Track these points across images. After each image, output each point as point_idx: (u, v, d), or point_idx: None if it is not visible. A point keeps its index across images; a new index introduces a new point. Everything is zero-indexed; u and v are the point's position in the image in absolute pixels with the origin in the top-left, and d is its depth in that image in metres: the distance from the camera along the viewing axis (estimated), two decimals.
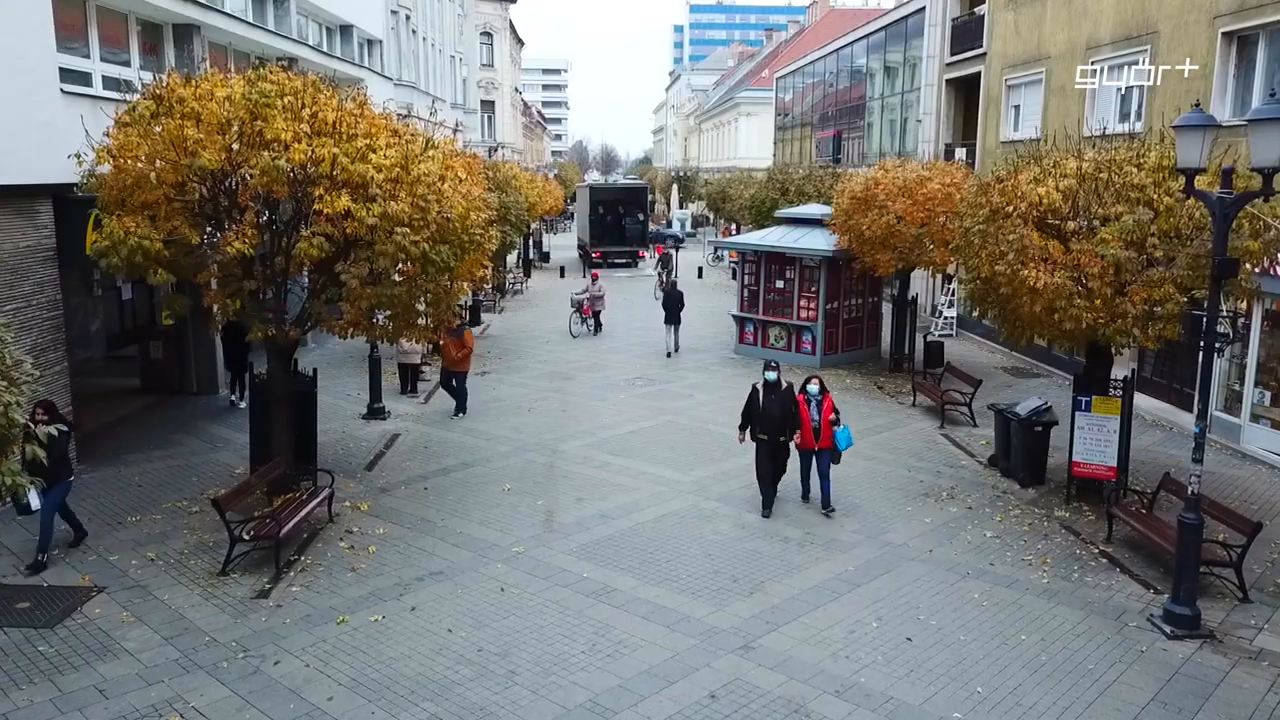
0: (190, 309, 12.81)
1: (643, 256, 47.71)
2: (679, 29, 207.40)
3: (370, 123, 11.66)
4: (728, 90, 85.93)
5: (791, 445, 12.74)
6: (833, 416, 12.54)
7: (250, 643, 9.03)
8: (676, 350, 24.41)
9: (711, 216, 67.07)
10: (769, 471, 12.58)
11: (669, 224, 73.38)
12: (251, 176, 10.82)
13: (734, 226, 52.84)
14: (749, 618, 9.61)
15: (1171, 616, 9.44)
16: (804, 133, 49.20)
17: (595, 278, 28.11)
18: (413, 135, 12.16)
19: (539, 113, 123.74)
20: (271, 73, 11.55)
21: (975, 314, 13.96)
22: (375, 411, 17.57)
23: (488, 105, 61.83)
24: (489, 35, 63.01)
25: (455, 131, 14.17)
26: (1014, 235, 11.59)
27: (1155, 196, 11.25)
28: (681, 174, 78.44)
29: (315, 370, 13.56)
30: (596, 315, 27.55)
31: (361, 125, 11.49)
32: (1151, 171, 11.46)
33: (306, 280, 12.83)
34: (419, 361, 19.56)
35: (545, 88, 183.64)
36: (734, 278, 43.45)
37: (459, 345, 17.62)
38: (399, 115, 12.56)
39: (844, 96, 41.54)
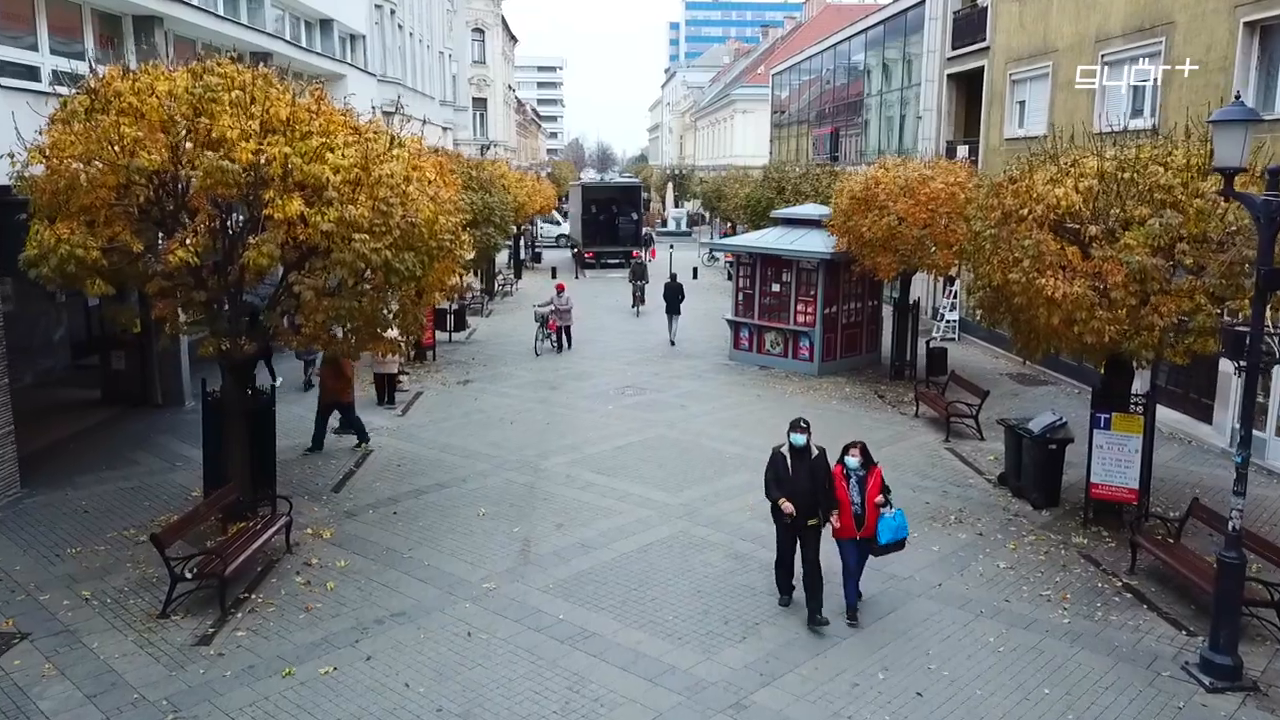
0: (139, 321, 11.89)
1: (636, 256, 46.70)
2: (675, 26, 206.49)
3: (328, 119, 10.70)
4: (723, 87, 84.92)
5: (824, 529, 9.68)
6: (880, 498, 9.53)
7: (183, 701, 8.07)
8: (676, 343, 25.50)
9: (707, 215, 66.12)
10: (789, 553, 9.81)
11: (664, 223, 72.46)
12: (195, 179, 9.85)
13: (730, 226, 51.92)
14: (741, 668, 8.66)
15: (1210, 666, 8.51)
16: (800, 130, 48.25)
17: (561, 289, 25.12)
18: (375, 133, 11.19)
19: (534, 111, 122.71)
20: (220, 65, 10.58)
21: (983, 322, 12.94)
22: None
23: (479, 103, 60.78)
24: (480, 31, 61.91)
25: (424, 125, 12.89)
26: (1029, 241, 10.65)
27: (1183, 198, 10.31)
28: (677, 172, 77.46)
29: (274, 386, 12.55)
30: (563, 330, 24.66)
31: (317, 122, 10.53)
32: (1178, 171, 10.52)
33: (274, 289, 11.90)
34: (396, 371, 18.57)
35: (541, 85, 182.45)
36: (729, 278, 42.74)
37: (334, 374, 15.18)
38: (385, 112, 11.61)
39: (841, 93, 40.58)
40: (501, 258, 39.30)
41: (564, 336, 24.71)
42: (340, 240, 10.07)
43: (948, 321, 26.28)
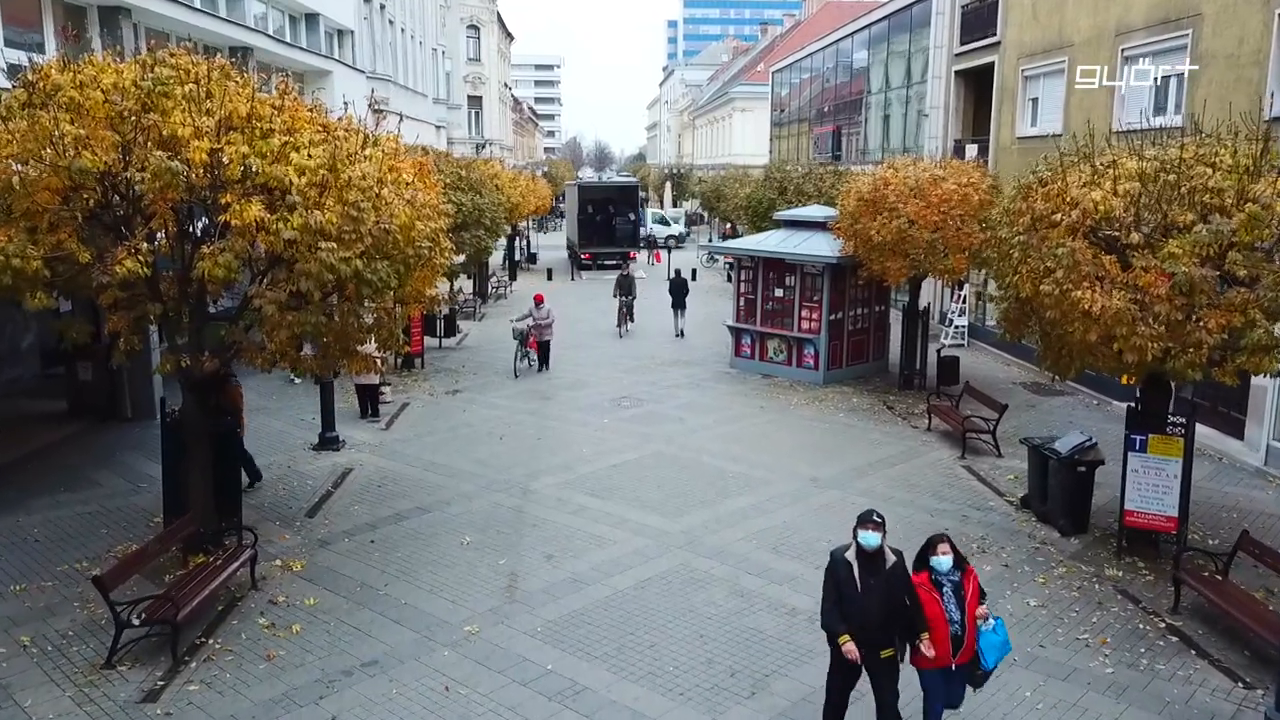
0: (91, 335, 10.96)
1: (633, 258, 45.74)
2: (673, 24, 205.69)
3: (292, 115, 9.73)
4: (722, 86, 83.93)
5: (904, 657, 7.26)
6: (981, 609, 7.12)
7: None
8: (682, 334, 26.58)
9: (705, 215, 65.15)
10: (841, 687, 7.29)
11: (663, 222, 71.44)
12: (142, 181, 8.88)
13: (730, 227, 50.98)
14: None
15: None
16: (801, 129, 47.30)
17: (540, 300, 22.25)
18: (347, 131, 10.22)
19: (531, 109, 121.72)
20: (174, 56, 9.62)
21: (1006, 335, 11.99)
22: (327, 442, 15.61)
23: (475, 101, 59.85)
24: (475, 28, 60.90)
25: (402, 121, 11.88)
26: (1063, 249, 9.70)
27: (1232, 202, 9.38)
28: (675, 171, 76.50)
29: (239, 405, 11.58)
30: (544, 348, 22.01)
31: (281, 119, 9.57)
32: (1228, 173, 9.57)
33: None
34: (378, 382, 17.59)
35: (538, 84, 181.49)
36: (729, 280, 41.77)
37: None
38: (375, 110, 10.65)
39: (843, 91, 39.62)
40: (496, 258, 38.29)
41: (543, 354, 22.05)
42: (305, 249, 9.12)
43: (956, 328, 25.35)
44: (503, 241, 36.46)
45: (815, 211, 22.20)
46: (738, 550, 11.43)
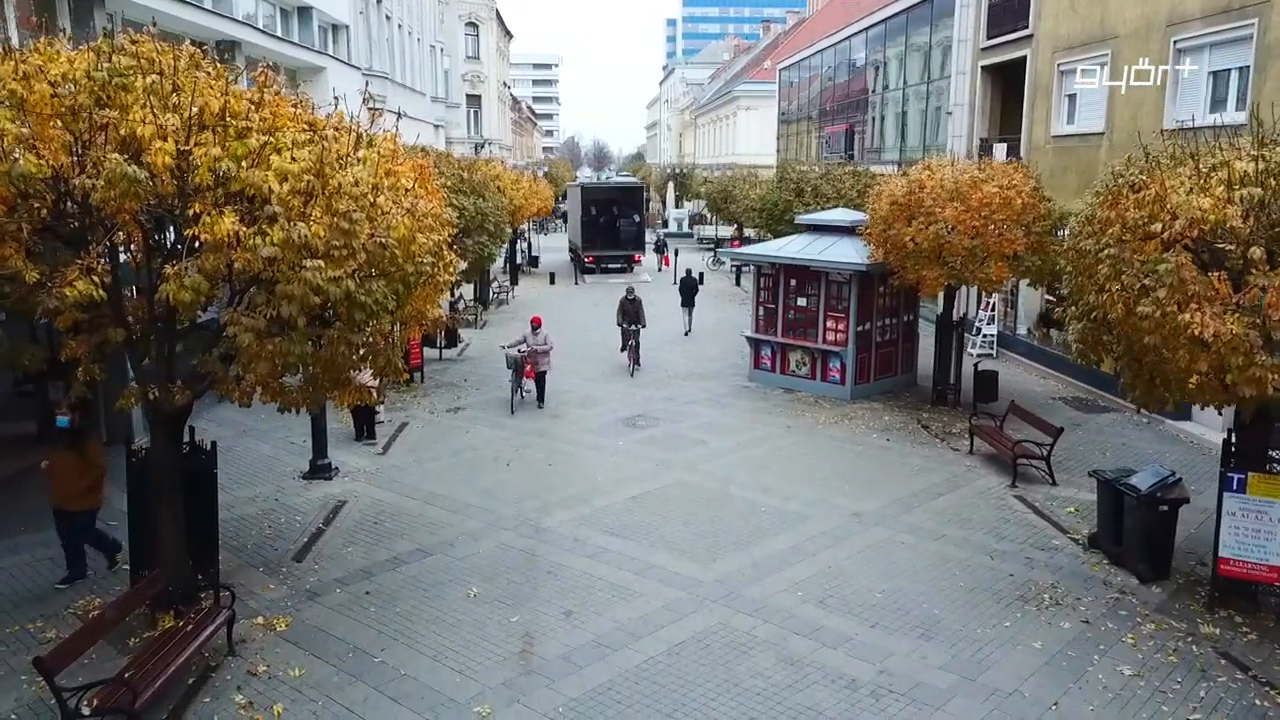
0: (45, 362, 9.63)
1: (638, 261, 44.39)
2: (672, 23, 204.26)
3: (273, 112, 8.39)
4: (724, 84, 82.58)
5: None
6: None
7: None
8: (690, 331, 26.74)
9: (710, 216, 63.80)
10: None
11: (665, 224, 70.16)
12: (96, 189, 7.54)
13: (738, 228, 49.70)
14: None
15: None
16: (810, 127, 45.98)
17: (537, 324, 18.96)
18: (337, 130, 8.88)
19: (529, 108, 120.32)
20: (136, 42, 8.27)
21: (1079, 359, 10.69)
22: (318, 470, 14.28)
23: (473, 99, 58.46)
24: (474, 26, 59.51)
25: (400, 119, 10.47)
26: (1166, 265, 8.38)
27: None
28: (678, 171, 75.14)
29: (214, 444, 10.23)
30: (540, 379, 18.91)
31: (260, 116, 8.23)
32: None
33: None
34: (375, 400, 16.16)
35: (536, 83, 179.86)
36: (738, 283, 40.44)
37: (77, 466, 10.20)
38: (372, 109, 9.31)
39: (856, 88, 38.28)
40: (497, 262, 36.90)
41: (539, 387, 18.98)
42: (288, 268, 7.79)
43: (985, 337, 24.03)
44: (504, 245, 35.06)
45: (841, 215, 20.86)
46: (781, 604, 10.09)
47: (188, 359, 9.43)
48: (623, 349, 22.28)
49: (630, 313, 22.24)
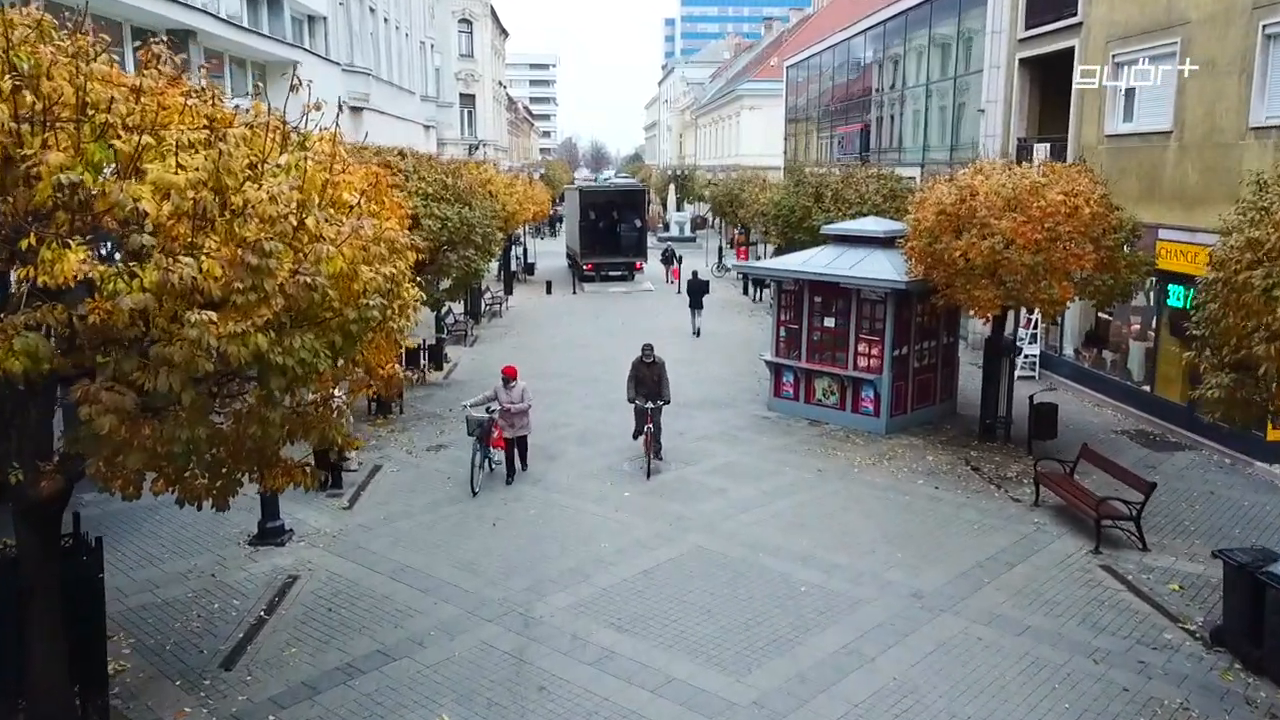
0: None
1: (640, 268, 42.06)
2: (670, 22, 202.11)
3: (158, 102, 6.08)
4: (727, 83, 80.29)
5: None
6: None
7: None
8: (699, 333, 26.80)
9: (713, 220, 61.52)
10: None
11: (665, 226, 67.80)
12: None
13: (744, 233, 47.47)
14: None
15: None
16: (820, 126, 43.69)
17: (511, 375, 14.57)
18: (251, 127, 6.57)
19: (526, 109, 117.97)
20: None
21: (1214, 417, 8.40)
22: (269, 533, 11.97)
23: (467, 99, 56.13)
24: (468, 22, 57.20)
25: (343, 111, 8.08)
26: None
27: None
28: (679, 172, 72.86)
29: (99, 540, 7.90)
30: (514, 447, 14.56)
31: (140, 106, 5.93)
32: None
33: None
34: (311, 483, 13.64)
35: (533, 83, 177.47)
36: (745, 292, 38.12)
37: None
38: (353, 108, 7.07)
39: (873, 84, 35.98)
40: (491, 267, 34.57)
41: (516, 455, 14.68)
42: (166, 322, 5.52)
43: (1026, 358, 21.73)
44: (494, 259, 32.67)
45: (873, 225, 18.56)
46: None
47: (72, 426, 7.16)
48: (636, 434, 15.36)
49: (648, 382, 15.27)
